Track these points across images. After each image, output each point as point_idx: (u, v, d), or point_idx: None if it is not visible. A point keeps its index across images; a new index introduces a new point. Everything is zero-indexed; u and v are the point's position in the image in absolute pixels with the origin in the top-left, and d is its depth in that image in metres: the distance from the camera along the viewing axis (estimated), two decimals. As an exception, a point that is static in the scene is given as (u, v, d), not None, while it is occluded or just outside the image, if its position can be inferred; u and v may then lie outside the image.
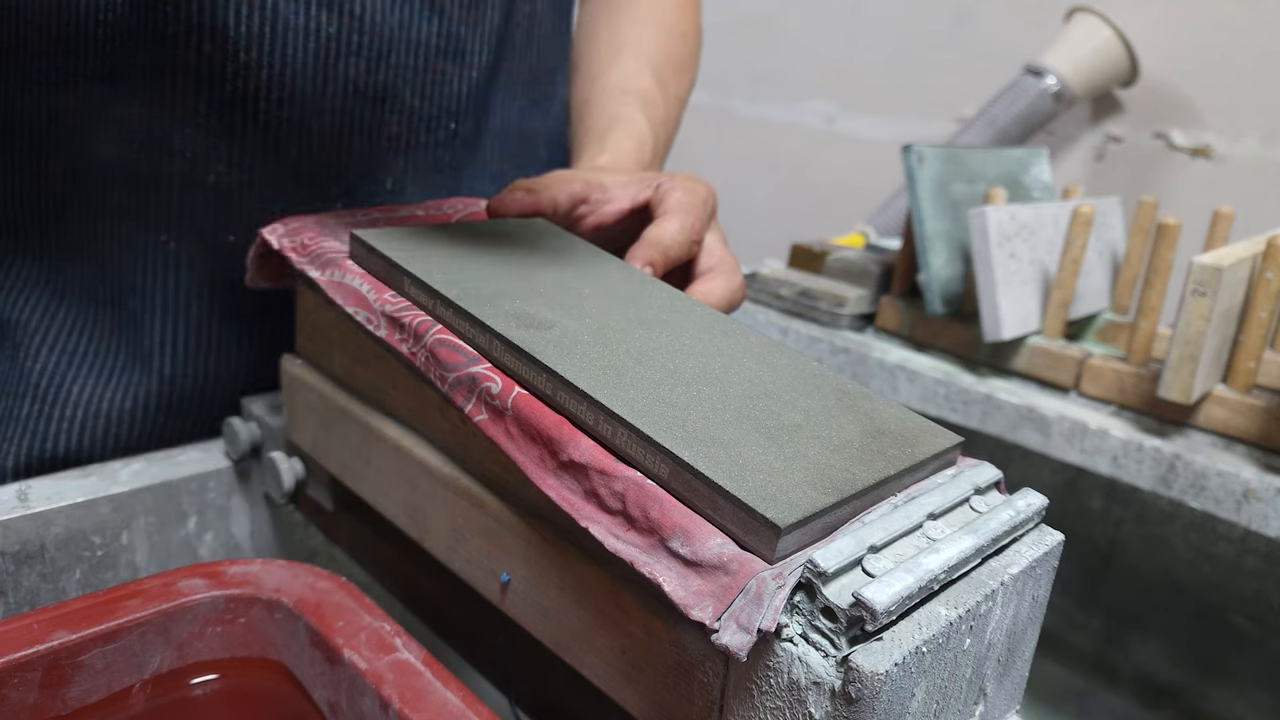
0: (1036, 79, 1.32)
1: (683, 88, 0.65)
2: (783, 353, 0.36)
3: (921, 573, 0.26)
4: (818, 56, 1.72)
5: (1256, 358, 0.64)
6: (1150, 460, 0.65)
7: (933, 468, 0.32)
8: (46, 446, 0.52)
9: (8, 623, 0.34)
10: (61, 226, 0.52)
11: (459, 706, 0.32)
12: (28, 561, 0.45)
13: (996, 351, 0.75)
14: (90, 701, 0.35)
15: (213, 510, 0.51)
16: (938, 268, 0.75)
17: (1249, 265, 0.64)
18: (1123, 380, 0.69)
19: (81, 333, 0.53)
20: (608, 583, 0.31)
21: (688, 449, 0.28)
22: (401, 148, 0.54)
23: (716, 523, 0.28)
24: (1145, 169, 1.36)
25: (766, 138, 1.82)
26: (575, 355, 0.33)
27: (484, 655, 0.43)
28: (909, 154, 0.74)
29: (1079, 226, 0.70)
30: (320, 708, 0.36)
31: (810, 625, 0.26)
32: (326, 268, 0.40)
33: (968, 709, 0.29)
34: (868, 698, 0.24)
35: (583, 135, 0.58)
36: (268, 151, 0.50)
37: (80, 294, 0.52)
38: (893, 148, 1.58)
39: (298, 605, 0.37)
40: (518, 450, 0.32)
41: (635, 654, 0.30)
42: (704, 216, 0.46)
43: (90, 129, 0.49)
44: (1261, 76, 1.25)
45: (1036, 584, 0.31)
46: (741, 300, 0.46)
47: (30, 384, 0.52)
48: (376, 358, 0.40)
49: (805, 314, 0.86)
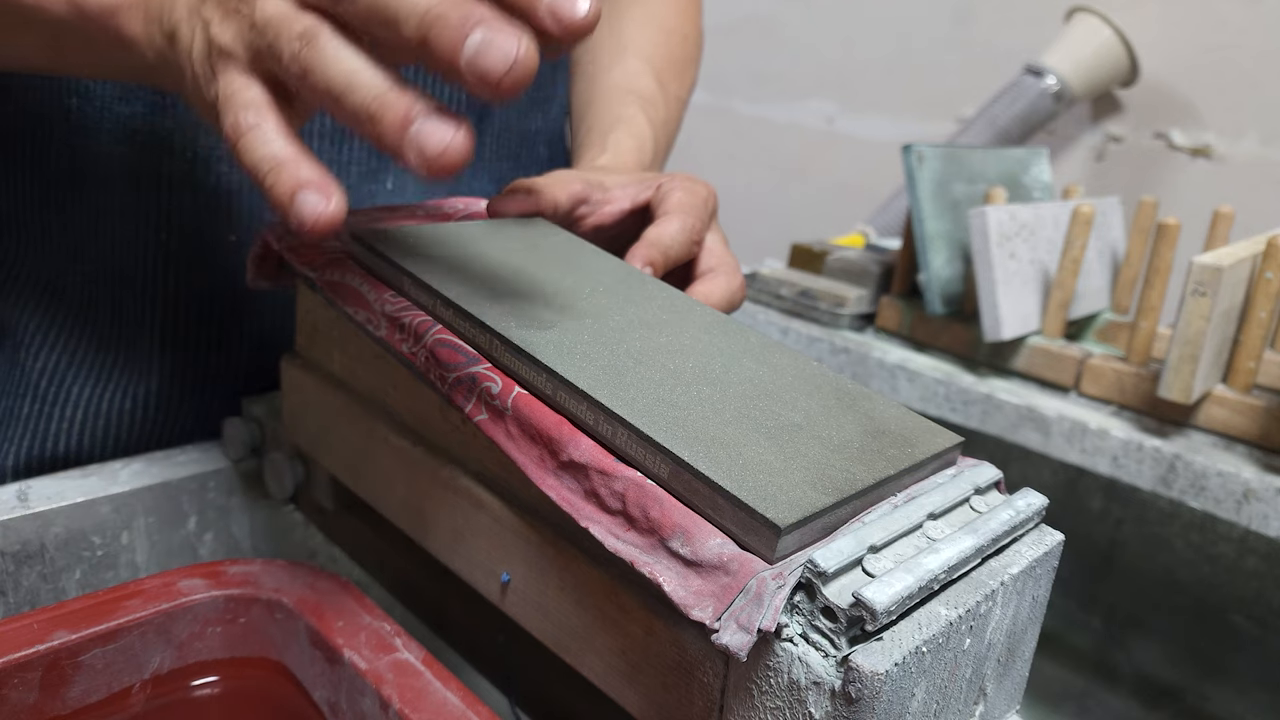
0: (1036, 79, 1.32)
1: (684, 89, 0.65)
2: (783, 353, 0.36)
3: (921, 573, 0.26)
4: (818, 56, 1.72)
5: (1256, 358, 0.64)
6: (1150, 460, 0.65)
7: (933, 468, 0.32)
8: (47, 446, 0.52)
9: (8, 623, 0.34)
10: (62, 226, 0.52)
11: (459, 706, 0.32)
12: (28, 561, 0.45)
13: (996, 351, 0.75)
14: (90, 701, 0.35)
15: (213, 510, 0.51)
16: (938, 268, 0.75)
17: (1249, 265, 0.64)
18: (1123, 380, 0.69)
19: (82, 332, 0.53)
20: (608, 583, 0.31)
21: (688, 449, 0.28)
22: (402, 148, 0.54)
23: (716, 523, 0.28)
24: (1145, 169, 1.37)
25: (766, 138, 1.82)
26: (575, 355, 0.33)
27: (484, 655, 0.43)
28: (909, 154, 0.74)
29: (1079, 226, 0.70)
30: (320, 708, 0.36)
31: (810, 625, 0.26)
32: (326, 268, 0.40)
33: (968, 709, 0.29)
34: (868, 698, 0.24)
35: (584, 135, 0.58)
36: (268, 151, 0.50)
37: (81, 294, 0.52)
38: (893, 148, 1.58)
39: (298, 605, 0.37)
40: (518, 450, 0.32)
41: (635, 654, 0.30)
42: (704, 217, 0.46)
43: (92, 130, 0.50)
44: (1261, 76, 1.25)
45: (1036, 584, 0.31)
46: (742, 300, 0.46)
47: (30, 384, 0.52)
48: (376, 358, 0.40)
49: (805, 314, 0.86)
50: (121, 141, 0.49)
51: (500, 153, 0.60)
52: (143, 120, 0.49)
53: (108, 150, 0.50)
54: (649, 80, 0.61)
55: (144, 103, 0.49)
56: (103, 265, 0.52)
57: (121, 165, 0.50)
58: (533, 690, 0.41)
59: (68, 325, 0.53)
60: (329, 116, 0.51)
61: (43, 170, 0.51)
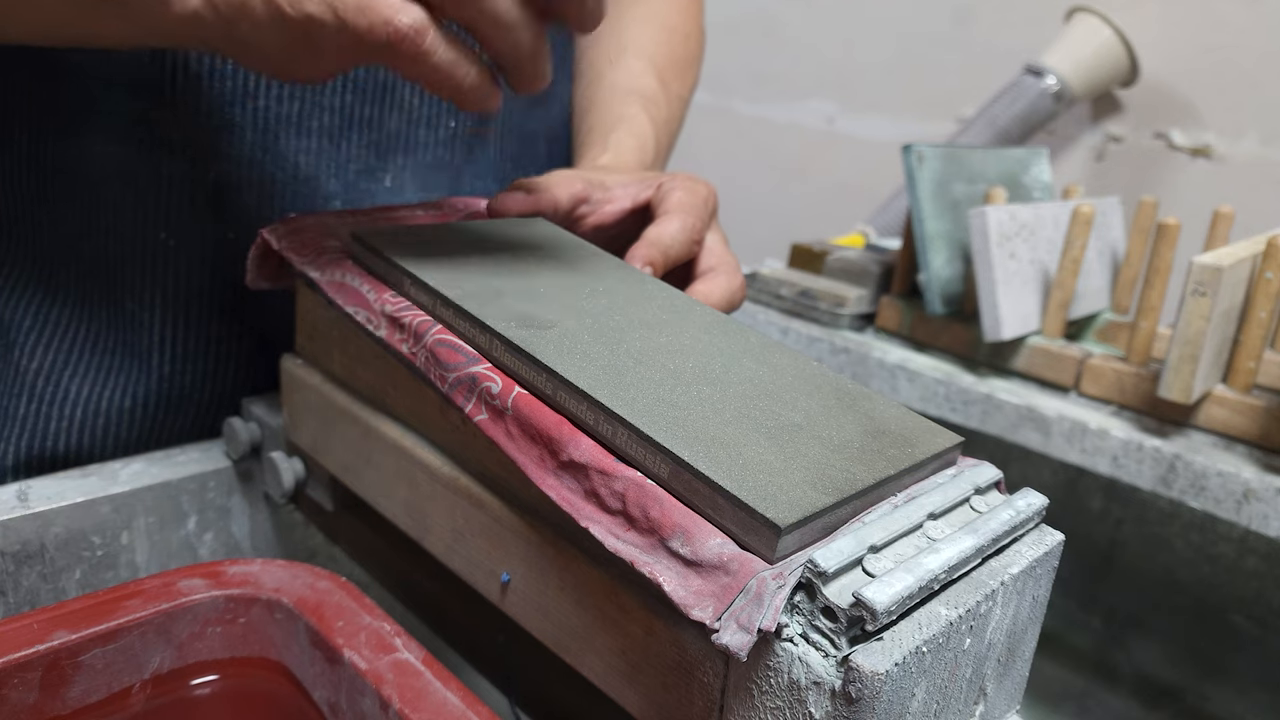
0: (1036, 79, 1.32)
1: (685, 88, 0.66)
2: (783, 352, 0.36)
3: (922, 573, 0.26)
4: (818, 56, 1.72)
5: (1256, 358, 0.64)
6: (1150, 460, 0.65)
7: (933, 468, 0.32)
8: (46, 445, 0.52)
9: (8, 623, 0.34)
10: (58, 223, 0.52)
11: (459, 706, 0.32)
12: (28, 561, 0.45)
13: (996, 351, 0.75)
14: (90, 701, 0.35)
15: (213, 510, 0.51)
16: (938, 268, 0.75)
17: (1249, 265, 0.64)
18: (1123, 380, 0.69)
19: (78, 331, 0.52)
20: (608, 583, 0.31)
21: (688, 449, 0.28)
22: (401, 145, 0.54)
23: (716, 523, 0.28)
24: (1145, 169, 1.37)
25: (766, 138, 1.82)
26: (575, 355, 0.33)
27: (484, 655, 0.43)
28: (909, 154, 0.74)
29: (1079, 226, 0.70)
30: (320, 708, 0.36)
31: (810, 625, 0.26)
32: (326, 268, 0.40)
33: (968, 709, 0.29)
34: (868, 698, 0.24)
35: (585, 135, 0.58)
36: (267, 149, 0.50)
37: (77, 291, 0.52)
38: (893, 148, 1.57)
39: (298, 605, 0.37)
40: (518, 450, 0.32)
41: (635, 654, 0.30)
42: (704, 216, 0.46)
43: (89, 126, 0.49)
44: (1261, 76, 1.25)
45: (1036, 584, 0.31)
46: (742, 300, 0.46)
47: (26, 383, 0.52)
48: (376, 358, 0.40)
49: (805, 314, 0.86)
50: (118, 139, 0.49)
51: (501, 152, 0.60)
52: (141, 117, 0.49)
53: (104, 148, 0.50)
54: (651, 79, 0.61)
55: (143, 99, 0.49)
56: (100, 263, 0.52)
57: (119, 163, 0.50)
58: (533, 690, 0.41)
59: (64, 324, 0.52)
60: (327, 114, 0.51)
61: (38, 167, 0.51)
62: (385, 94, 0.52)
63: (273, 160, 0.51)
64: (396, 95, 0.52)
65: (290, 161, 0.51)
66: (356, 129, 0.52)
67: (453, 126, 0.56)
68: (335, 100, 0.51)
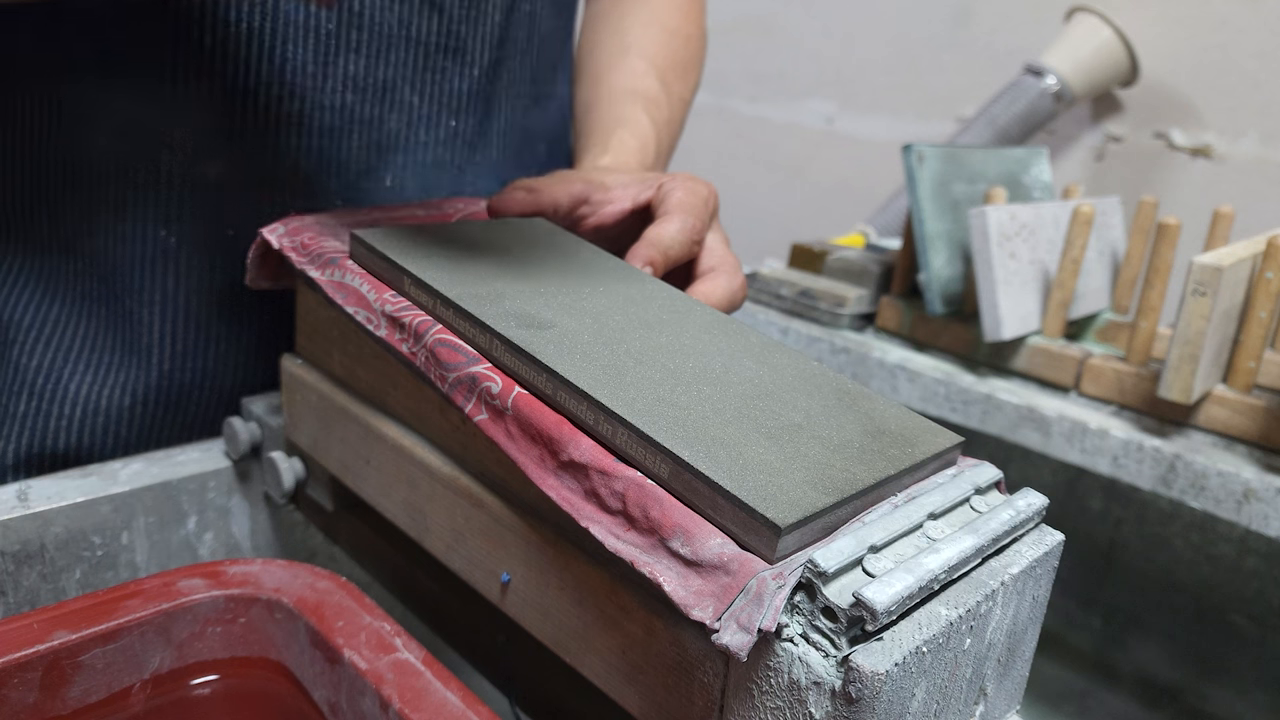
0: (1036, 79, 1.32)
1: (687, 89, 0.66)
2: (783, 352, 0.36)
3: (922, 573, 0.26)
4: (818, 56, 1.72)
5: (1256, 358, 0.64)
6: (1150, 460, 0.65)
7: (933, 468, 0.32)
8: (45, 443, 0.52)
9: (8, 623, 0.34)
10: (57, 221, 0.52)
11: (459, 706, 0.32)
12: (28, 561, 0.45)
13: (996, 351, 0.75)
14: (90, 701, 0.35)
15: (213, 510, 0.51)
16: (938, 268, 0.75)
17: (1249, 265, 0.64)
18: (1123, 380, 0.69)
19: (77, 329, 0.52)
20: (608, 583, 0.31)
21: (688, 449, 0.28)
22: (401, 145, 0.54)
23: (717, 523, 0.28)
24: (1145, 169, 1.37)
25: (766, 138, 1.82)
26: (575, 355, 0.33)
27: (484, 655, 0.43)
28: (909, 154, 0.74)
29: (1079, 226, 0.70)
30: (320, 708, 0.36)
31: (810, 625, 0.26)
32: (326, 267, 0.40)
33: (968, 709, 0.29)
34: (868, 698, 0.24)
35: (586, 136, 0.58)
36: (267, 147, 0.50)
37: (76, 289, 0.52)
38: (893, 148, 1.58)
39: (298, 605, 0.37)
40: (518, 450, 0.32)
41: (635, 654, 0.30)
42: (705, 216, 0.46)
43: (88, 123, 0.49)
44: (1261, 76, 1.25)
45: (1037, 584, 0.31)
46: (742, 300, 0.46)
47: (25, 381, 0.52)
48: (376, 358, 0.40)
49: (805, 314, 0.86)
50: (117, 136, 0.49)
51: (501, 151, 0.60)
52: (139, 114, 0.49)
53: (103, 144, 0.50)
54: (652, 81, 0.61)
55: (143, 97, 0.49)
56: (99, 261, 0.52)
57: (120, 160, 0.50)
58: (533, 690, 0.41)
59: (63, 322, 0.52)
60: (327, 114, 0.51)
61: (36, 164, 0.51)
62: (385, 94, 0.52)
63: (273, 160, 0.51)
64: (396, 95, 0.52)
65: (290, 161, 0.51)
66: (356, 129, 0.52)
67: (453, 126, 0.56)
68: (335, 100, 0.51)
